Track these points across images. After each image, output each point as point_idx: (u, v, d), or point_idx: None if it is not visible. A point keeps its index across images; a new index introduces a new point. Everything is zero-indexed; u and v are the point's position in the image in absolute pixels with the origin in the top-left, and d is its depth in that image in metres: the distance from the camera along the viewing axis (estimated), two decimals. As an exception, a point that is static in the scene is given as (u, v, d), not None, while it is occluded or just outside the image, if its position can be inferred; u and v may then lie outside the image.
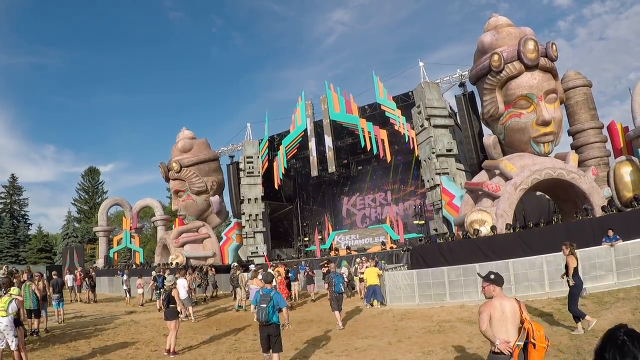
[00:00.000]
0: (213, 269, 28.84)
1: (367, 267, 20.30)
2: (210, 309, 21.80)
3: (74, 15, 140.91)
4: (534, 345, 5.44)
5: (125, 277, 26.87)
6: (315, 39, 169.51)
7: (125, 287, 26.48)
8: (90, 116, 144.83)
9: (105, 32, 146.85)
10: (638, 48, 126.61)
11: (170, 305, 12.92)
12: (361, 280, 21.22)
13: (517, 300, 5.85)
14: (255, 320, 9.76)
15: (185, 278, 19.66)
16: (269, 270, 18.53)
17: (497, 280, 5.93)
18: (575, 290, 10.83)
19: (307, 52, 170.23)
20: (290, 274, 22.95)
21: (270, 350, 9.52)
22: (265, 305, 9.29)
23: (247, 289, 20.86)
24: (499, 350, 5.44)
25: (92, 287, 28.36)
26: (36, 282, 16.54)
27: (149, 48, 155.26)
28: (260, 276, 18.52)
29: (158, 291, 23.16)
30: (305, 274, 23.64)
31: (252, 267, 23.66)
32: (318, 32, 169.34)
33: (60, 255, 56.13)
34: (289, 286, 21.67)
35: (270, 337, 9.45)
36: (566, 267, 11.02)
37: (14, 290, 11.80)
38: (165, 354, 12.38)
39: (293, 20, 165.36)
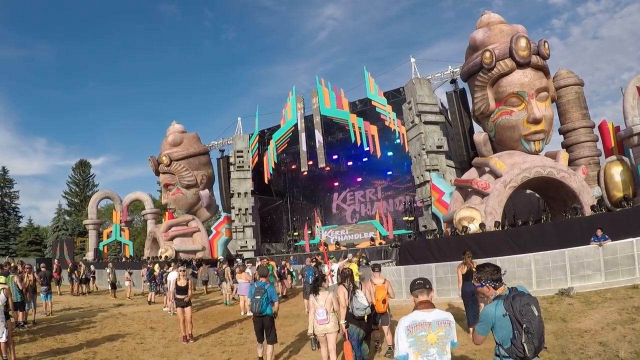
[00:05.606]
0: (206, 265, 28.55)
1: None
2: (198, 303, 21.70)
3: (63, 8, 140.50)
4: None
5: (108, 271, 26.73)
6: (307, 34, 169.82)
7: (109, 280, 26.31)
8: (82, 109, 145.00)
9: (96, 25, 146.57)
10: (632, 48, 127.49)
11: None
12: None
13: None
14: (248, 312, 9.85)
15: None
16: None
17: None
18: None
19: (299, 47, 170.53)
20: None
21: (265, 341, 9.80)
22: (259, 297, 9.56)
23: (231, 283, 20.96)
24: None
25: (82, 280, 28.12)
26: (25, 275, 16.45)
27: (141, 41, 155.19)
28: (248, 270, 18.69)
29: (150, 283, 23.24)
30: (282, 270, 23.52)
31: (238, 260, 23.63)
32: (310, 28, 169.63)
33: (51, 248, 55.83)
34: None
35: (265, 329, 9.71)
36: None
37: (1, 278, 11.63)
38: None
39: (284, 15, 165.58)
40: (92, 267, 29.68)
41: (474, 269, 11.48)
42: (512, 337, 4.42)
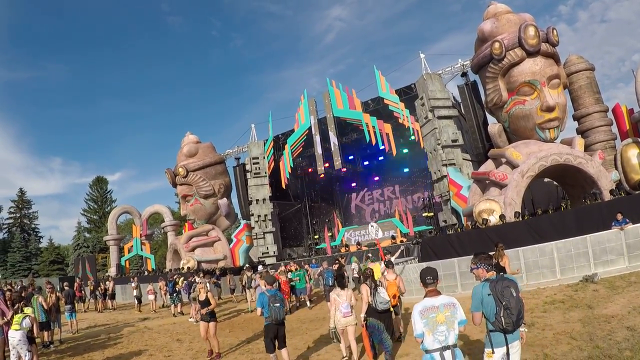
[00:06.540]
0: (231, 274, 28.54)
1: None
2: (224, 312, 21.79)
3: (72, 27, 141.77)
4: None
5: (133, 285, 26.86)
6: (314, 37, 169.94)
7: (135, 294, 26.41)
8: (95, 126, 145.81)
9: (106, 42, 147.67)
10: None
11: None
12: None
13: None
14: (266, 321, 9.79)
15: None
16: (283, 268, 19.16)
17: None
18: None
19: (308, 51, 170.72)
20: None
21: (277, 349, 9.88)
22: (279, 305, 9.74)
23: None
24: None
25: (105, 296, 28.25)
26: (48, 294, 16.59)
27: (150, 54, 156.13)
28: (269, 277, 18.69)
29: (172, 296, 23.29)
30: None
31: (260, 267, 23.68)
32: (317, 30, 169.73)
33: (73, 266, 56.30)
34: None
35: (279, 336, 9.85)
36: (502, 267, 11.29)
37: (27, 310, 11.88)
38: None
39: (291, 20, 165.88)
40: (107, 282, 29.81)
41: (500, 262, 11.65)
42: (496, 313, 5.43)
